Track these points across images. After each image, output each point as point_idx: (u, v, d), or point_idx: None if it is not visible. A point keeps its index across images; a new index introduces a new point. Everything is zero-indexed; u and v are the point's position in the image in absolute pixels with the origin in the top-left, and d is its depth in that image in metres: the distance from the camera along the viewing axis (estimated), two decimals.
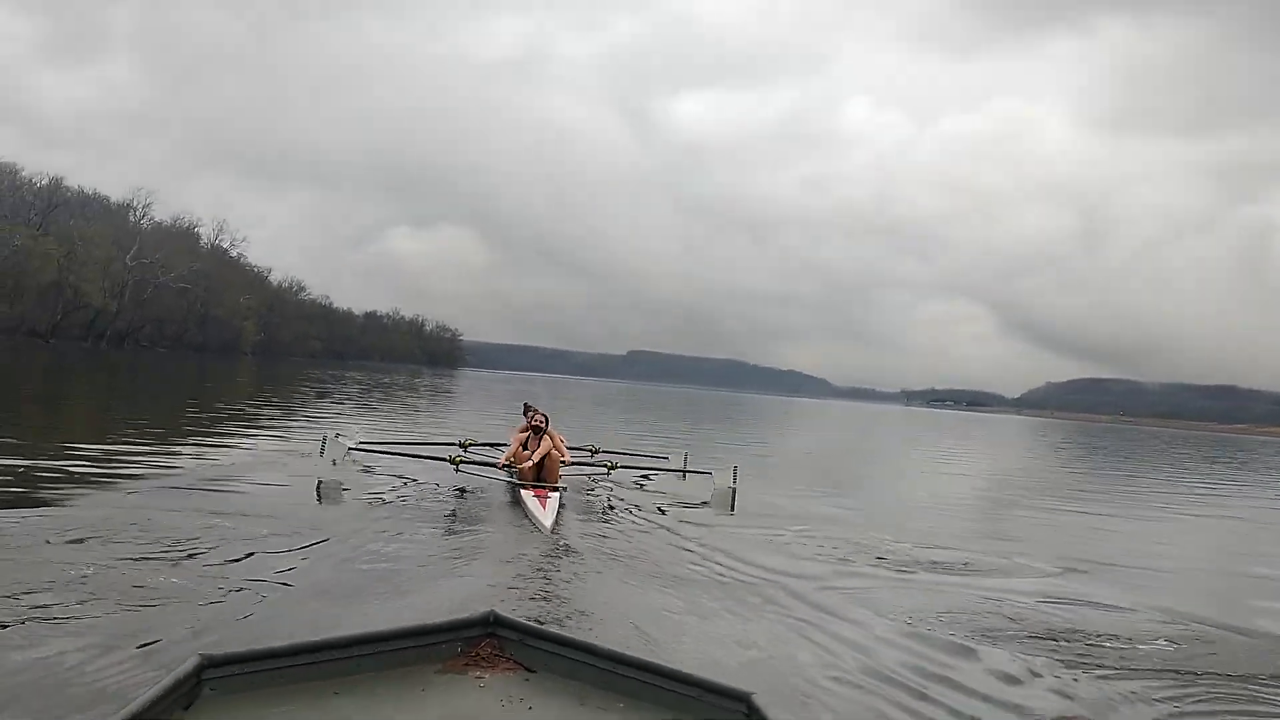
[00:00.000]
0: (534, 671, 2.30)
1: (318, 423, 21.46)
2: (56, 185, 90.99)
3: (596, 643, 2.34)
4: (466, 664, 2.31)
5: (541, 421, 11.65)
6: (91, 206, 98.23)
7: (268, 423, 21.73)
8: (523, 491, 10.41)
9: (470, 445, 13.43)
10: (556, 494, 10.30)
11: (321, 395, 39.07)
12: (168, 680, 1.91)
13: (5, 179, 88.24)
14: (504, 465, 11.45)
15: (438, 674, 2.25)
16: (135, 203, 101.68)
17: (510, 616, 2.43)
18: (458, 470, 11.80)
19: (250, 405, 29.03)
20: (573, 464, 12.72)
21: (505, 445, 12.68)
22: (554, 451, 11.36)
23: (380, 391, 49.05)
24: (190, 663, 2.00)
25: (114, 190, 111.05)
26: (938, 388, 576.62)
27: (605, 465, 13.42)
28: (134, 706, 1.77)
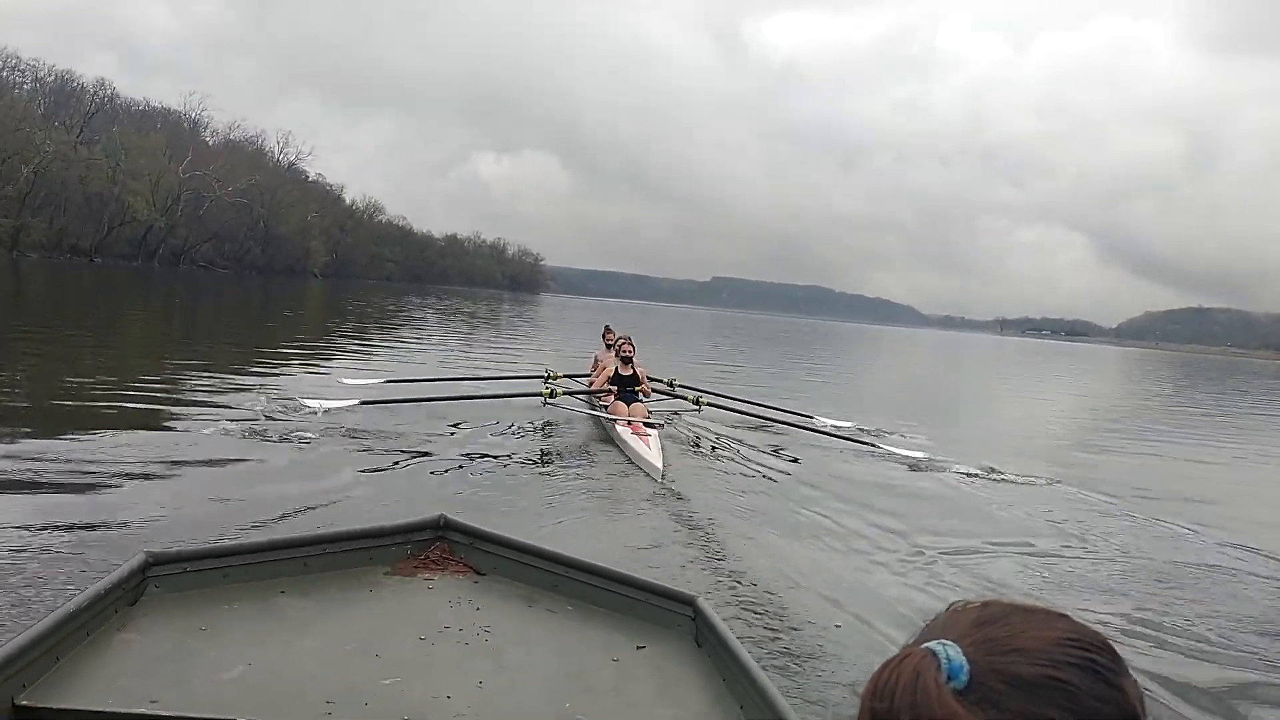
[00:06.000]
0: (483, 574, 2.34)
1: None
2: (100, 88, 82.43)
3: (545, 546, 2.36)
4: (416, 566, 2.33)
5: (630, 351, 11.31)
6: (151, 119, 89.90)
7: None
8: (618, 428, 9.79)
9: (556, 377, 12.80)
10: (655, 431, 9.53)
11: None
12: (112, 576, 1.90)
13: (54, 84, 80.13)
14: (600, 395, 11.15)
15: (386, 575, 2.28)
16: (188, 109, 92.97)
17: (460, 520, 2.43)
18: (546, 403, 11.07)
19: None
20: (655, 397, 12.14)
21: (588, 376, 12.88)
22: (644, 385, 11.24)
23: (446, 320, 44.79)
24: (135, 559, 2.00)
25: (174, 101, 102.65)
26: (1032, 316, 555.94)
27: (689, 399, 12.43)
28: (78, 601, 1.77)
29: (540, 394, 11.05)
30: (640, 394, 10.93)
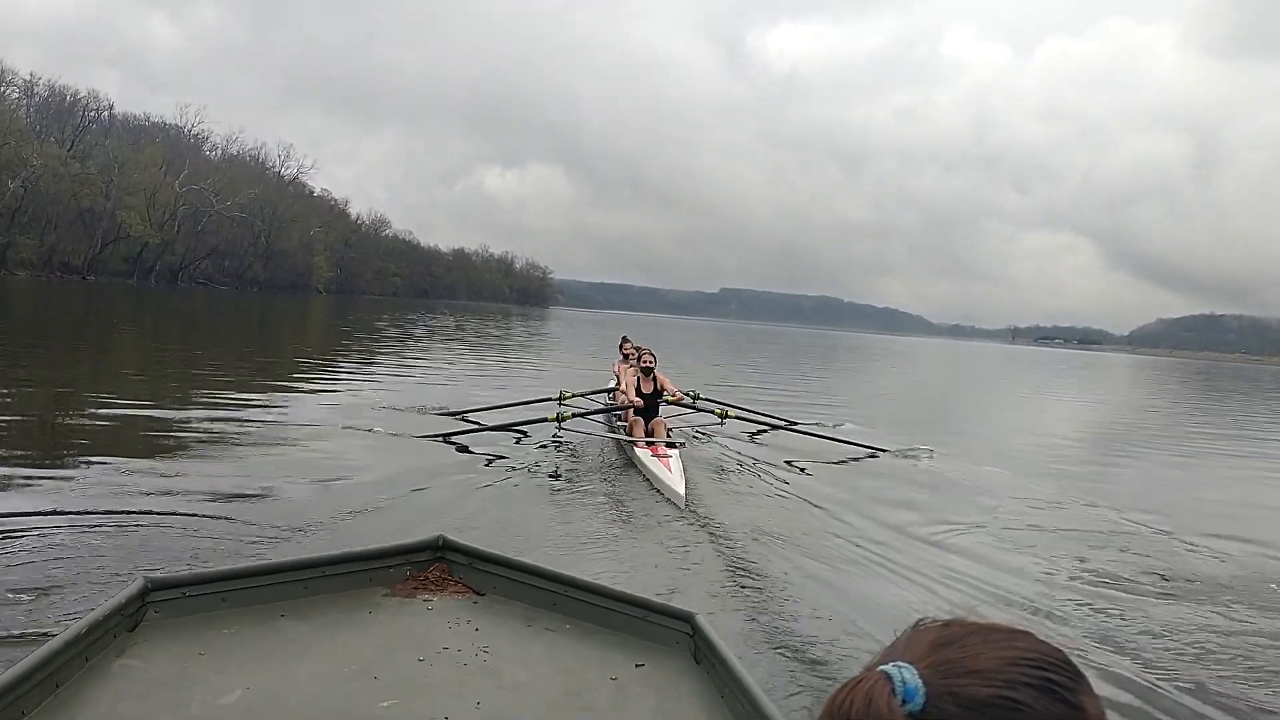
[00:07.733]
0: (482, 594, 2.33)
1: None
2: (94, 101, 79.71)
3: (544, 566, 2.35)
4: (415, 587, 2.32)
5: (651, 362, 10.69)
6: (149, 134, 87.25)
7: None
8: (637, 450, 9.17)
9: (568, 397, 12.03)
10: (675, 452, 8.90)
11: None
12: (112, 602, 1.90)
13: (48, 97, 77.50)
14: (617, 413, 10.73)
15: (385, 597, 2.27)
16: (186, 122, 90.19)
17: (459, 540, 2.42)
18: (560, 428, 10.46)
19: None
20: (678, 410, 11.64)
21: (604, 391, 12.57)
22: (668, 395, 10.52)
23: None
24: (134, 585, 1.99)
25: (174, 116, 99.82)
26: (1042, 324, 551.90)
27: (715, 413, 11.42)
28: (77, 628, 1.77)
29: (549, 418, 10.53)
30: (664, 402, 10.42)
